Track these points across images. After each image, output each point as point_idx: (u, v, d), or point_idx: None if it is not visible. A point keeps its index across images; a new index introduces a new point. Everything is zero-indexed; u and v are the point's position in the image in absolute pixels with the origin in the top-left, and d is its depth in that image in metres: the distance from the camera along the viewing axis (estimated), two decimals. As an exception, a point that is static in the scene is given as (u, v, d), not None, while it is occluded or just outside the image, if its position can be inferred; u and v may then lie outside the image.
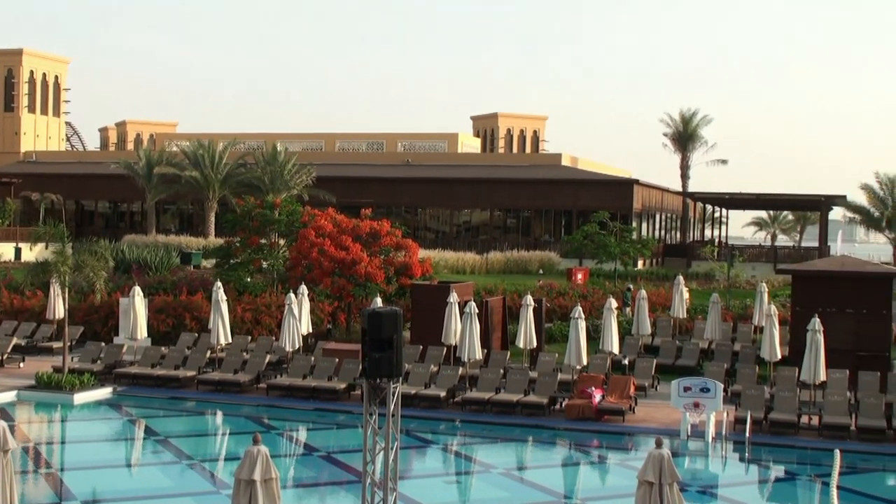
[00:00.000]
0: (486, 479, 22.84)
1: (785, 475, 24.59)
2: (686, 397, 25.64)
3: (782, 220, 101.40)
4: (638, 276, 51.26)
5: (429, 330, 32.26)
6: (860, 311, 30.51)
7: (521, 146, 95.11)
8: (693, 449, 24.89)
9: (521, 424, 26.97)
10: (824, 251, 61.01)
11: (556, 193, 67.52)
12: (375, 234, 38.87)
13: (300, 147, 78.22)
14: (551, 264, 56.99)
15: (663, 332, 36.74)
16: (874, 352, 30.11)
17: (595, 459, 25.72)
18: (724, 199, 67.14)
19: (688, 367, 32.31)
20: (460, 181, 69.47)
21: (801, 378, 27.60)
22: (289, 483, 21.34)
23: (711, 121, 75.12)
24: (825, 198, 62.16)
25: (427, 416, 27.38)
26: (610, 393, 27.80)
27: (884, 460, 24.40)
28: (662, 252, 67.83)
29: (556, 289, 42.93)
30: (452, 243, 65.28)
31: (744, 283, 47.83)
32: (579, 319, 29.15)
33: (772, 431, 25.88)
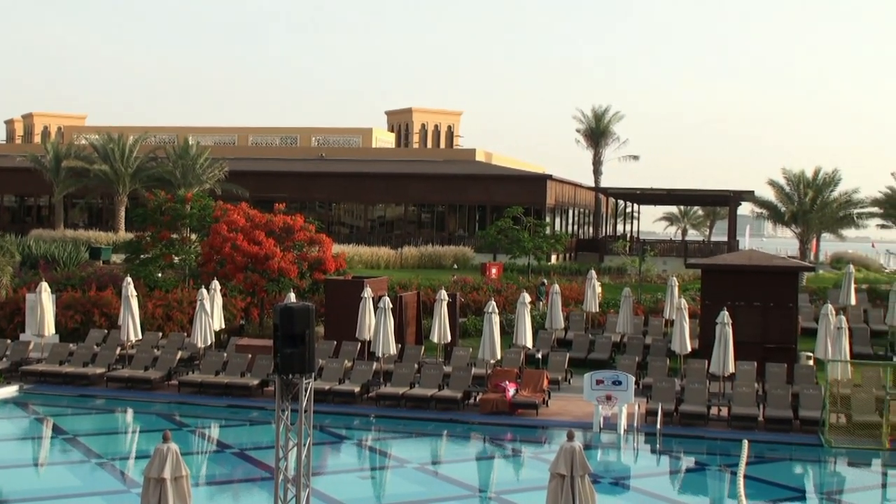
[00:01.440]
0: (401, 474, 22.81)
1: (695, 466, 24.95)
2: (598, 390, 25.90)
3: (692, 216, 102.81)
4: (551, 270, 51.60)
5: (343, 325, 32.15)
6: (767, 304, 31.07)
7: (436, 141, 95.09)
8: (605, 441, 25.15)
9: (435, 419, 27.03)
10: (733, 246, 62.01)
11: (471, 188, 67.65)
12: (289, 229, 38.61)
13: (212, 141, 77.28)
14: (465, 259, 57.12)
15: (576, 326, 37.05)
16: (781, 344, 30.68)
17: (509, 453, 25.86)
18: (636, 194, 67.87)
19: (600, 361, 32.62)
20: (375, 176, 69.29)
21: (711, 370, 28.03)
22: (201, 481, 21.10)
23: (623, 117, 75.73)
24: (734, 193, 63.13)
25: (341, 411, 27.30)
26: (523, 387, 27.96)
27: (790, 450, 24.90)
28: (575, 247, 68.34)
29: (470, 283, 43.04)
30: (367, 238, 65.10)
31: (655, 278, 48.41)
32: (493, 314, 29.28)
33: (682, 423, 26.26)
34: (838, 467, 24.18)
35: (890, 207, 67.88)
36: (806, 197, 62.65)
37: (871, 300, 40.74)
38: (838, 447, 24.52)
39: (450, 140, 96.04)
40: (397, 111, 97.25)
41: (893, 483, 23.54)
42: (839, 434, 25.24)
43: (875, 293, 41.65)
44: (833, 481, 23.77)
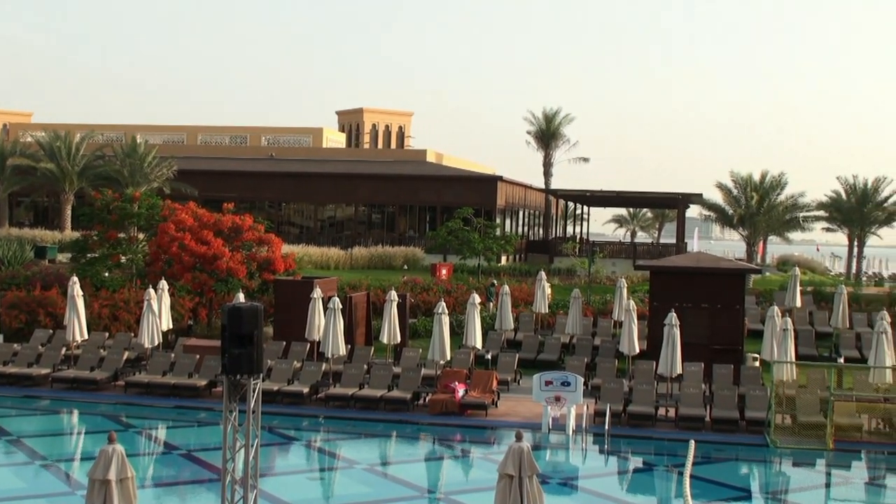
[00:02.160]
0: (350, 475, 22.75)
1: (643, 466, 25.10)
2: (547, 391, 25.98)
3: (641, 218, 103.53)
4: (501, 271, 51.73)
5: (292, 326, 32.03)
6: (715, 305, 31.33)
7: (387, 142, 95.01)
8: (554, 442, 25.24)
9: (384, 420, 26.99)
10: (681, 248, 62.48)
11: (421, 189, 67.64)
12: (238, 229, 38.39)
13: (161, 139, 76.66)
14: (415, 260, 57.10)
15: (526, 326, 37.15)
16: (728, 345, 30.96)
17: (458, 454, 25.87)
18: (586, 196, 68.18)
19: (549, 362, 32.74)
20: (325, 176, 69.08)
21: (659, 371, 28.22)
22: (147, 482, 20.91)
23: (574, 119, 76.11)
24: (682, 196, 63.64)
25: (290, 412, 27.19)
26: (473, 388, 28.00)
27: (737, 450, 25.12)
28: (525, 248, 68.57)
29: (420, 284, 43.03)
30: (317, 238, 64.87)
31: (604, 279, 48.67)
32: (443, 315, 29.29)
33: (630, 423, 26.42)
34: (783, 467, 24.44)
35: (835, 211, 68.88)
36: (753, 200, 63.34)
37: (817, 302, 41.23)
38: (783, 447, 24.79)
39: (400, 141, 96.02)
40: (348, 111, 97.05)
41: (837, 483, 23.82)
42: (784, 434, 25.52)
43: (820, 295, 42.16)
44: (778, 481, 24.02)
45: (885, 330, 27.63)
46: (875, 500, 22.26)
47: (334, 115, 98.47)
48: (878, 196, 68.75)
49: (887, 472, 24.38)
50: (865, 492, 22.92)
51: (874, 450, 25.18)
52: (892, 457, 24.64)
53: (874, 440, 25.87)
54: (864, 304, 40.83)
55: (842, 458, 24.52)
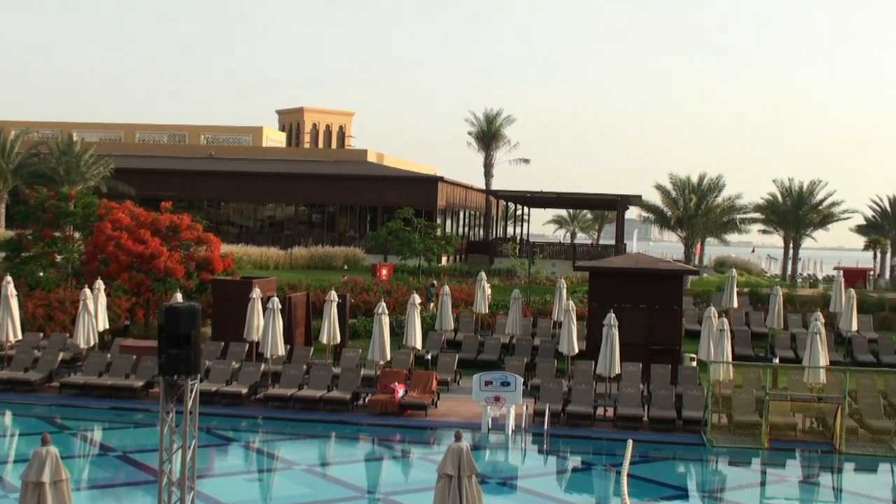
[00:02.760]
0: (289, 476, 22.62)
1: (581, 465, 25.26)
2: (487, 391, 26.04)
3: (581, 219, 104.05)
4: (441, 272, 51.76)
5: (231, 326, 31.82)
6: (653, 306, 31.59)
7: (327, 141, 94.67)
8: (494, 442, 25.30)
9: (324, 420, 26.90)
10: (620, 249, 62.90)
11: (362, 189, 67.48)
12: (175, 228, 38.04)
13: (98, 137, 75.74)
14: (356, 260, 56.95)
15: (466, 327, 37.21)
16: (666, 345, 31.24)
17: (398, 454, 25.85)
18: (526, 197, 68.41)
19: (489, 362, 32.82)
20: (265, 175, 68.68)
21: (598, 371, 28.40)
22: (82, 485, 20.64)
23: (515, 121, 76.41)
24: (621, 198, 64.07)
25: (228, 413, 27.00)
26: (413, 388, 28.00)
27: (674, 449, 25.36)
28: (466, 249, 68.67)
29: (360, 284, 42.93)
30: (256, 238, 64.47)
31: (544, 280, 48.87)
32: (383, 315, 29.25)
33: (569, 423, 26.57)
34: (720, 466, 24.72)
35: (771, 213, 69.73)
36: (691, 202, 63.93)
37: (753, 303, 41.73)
38: (720, 446, 25.06)
39: (341, 140, 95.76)
40: (288, 110, 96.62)
41: (772, 481, 24.11)
42: (721, 434, 25.80)
43: (756, 296, 42.67)
44: (714, 480, 24.27)
45: (819, 331, 28.02)
46: (809, 498, 22.57)
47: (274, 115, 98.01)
48: (813, 199, 69.69)
49: (821, 471, 24.74)
50: (800, 490, 23.23)
51: (808, 448, 25.54)
52: (825, 455, 25.00)
53: (808, 439, 26.25)
54: (799, 306, 41.41)
55: (777, 456, 24.86)
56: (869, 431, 26.07)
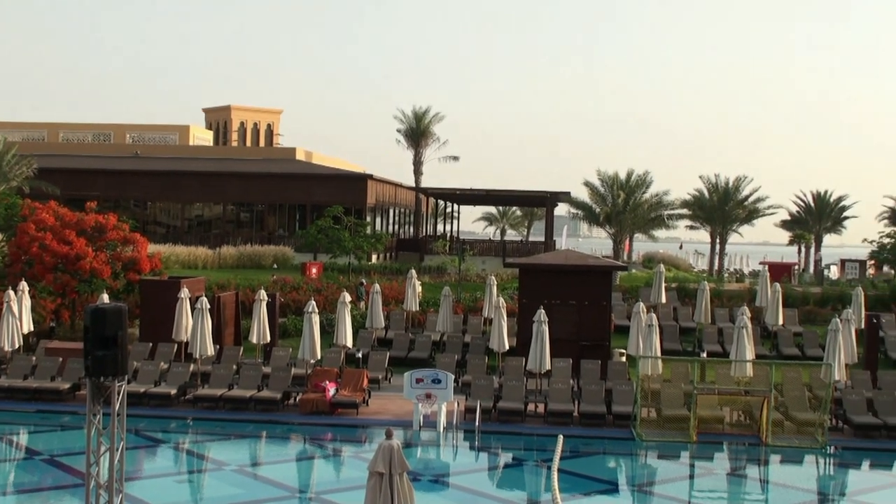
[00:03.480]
0: (219, 477, 22.42)
1: (513, 461, 25.38)
2: (418, 389, 26.05)
3: (511, 216, 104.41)
4: (372, 270, 51.64)
5: (159, 326, 31.50)
6: (582, 302, 31.83)
7: (255, 140, 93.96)
8: (425, 439, 25.31)
9: (254, 420, 26.75)
10: (550, 246, 63.23)
11: (291, 188, 67.05)
12: (101, 229, 37.55)
13: (20, 137, 74.44)
14: (285, 259, 56.61)
15: (396, 325, 37.18)
16: (595, 341, 31.51)
17: (329, 453, 25.77)
18: (456, 194, 68.49)
19: (420, 359, 32.86)
20: (192, 174, 67.94)
21: (528, 367, 28.55)
22: (8, 489, 20.33)
23: (444, 118, 76.41)
24: (550, 194, 64.36)
25: (157, 414, 26.75)
26: (343, 386, 27.94)
27: (604, 444, 25.58)
28: (396, 246, 68.56)
29: (290, 283, 42.71)
30: (184, 238, 63.79)
31: (474, 277, 48.97)
32: (313, 314, 29.16)
33: (500, 419, 26.68)
34: (649, 460, 24.97)
35: (698, 209, 70.50)
36: (619, 198, 64.40)
37: (681, 298, 42.19)
38: (649, 440, 25.32)
39: (269, 139, 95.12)
40: (215, 109, 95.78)
41: (701, 474, 24.42)
42: (650, 428, 26.07)
43: (684, 292, 43.14)
44: (644, 474, 24.50)
45: (745, 325, 28.43)
46: (737, 490, 22.88)
47: (201, 113, 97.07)
48: (738, 195, 70.56)
49: (748, 463, 25.10)
50: (727, 482, 23.54)
51: (735, 441, 25.92)
52: (752, 448, 25.39)
53: (735, 432, 26.63)
54: (726, 300, 41.96)
55: (705, 449, 25.18)
56: (794, 424, 26.52)
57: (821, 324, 37.38)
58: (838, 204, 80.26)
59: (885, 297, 42.92)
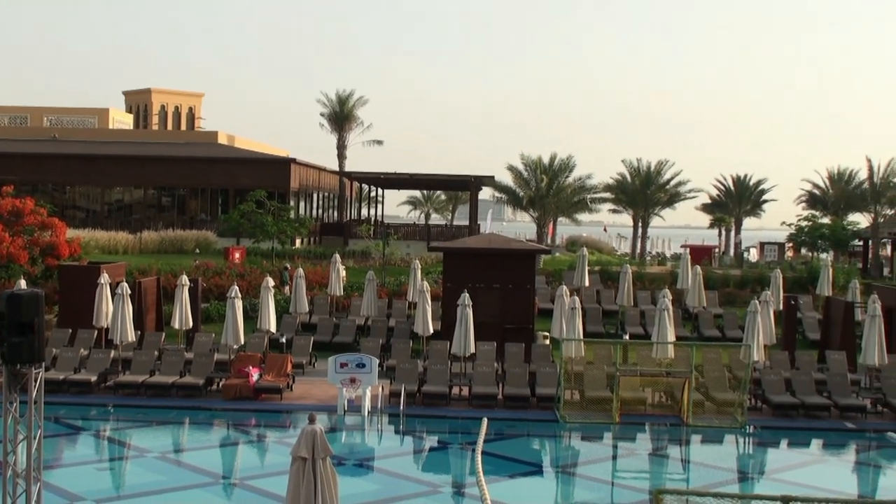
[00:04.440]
0: (141, 464, 22.15)
1: (438, 445, 25.41)
2: (343, 373, 26.00)
3: (435, 200, 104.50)
4: (295, 254, 51.39)
5: (78, 312, 31.04)
6: (506, 286, 31.97)
7: (177, 123, 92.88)
8: (350, 424, 25.27)
9: (177, 406, 26.51)
10: (474, 230, 63.34)
11: (213, 172, 66.39)
12: (18, 213, 36.87)
13: (-66, 120, 72.87)
14: (208, 243, 56.12)
15: (320, 309, 37.04)
16: (519, 324, 31.68)
17: (253, 438, 25.58)
18: (380, 178, 68.31)
19: (345, 344, 32.79)
20: (112, 158, 66.94)
21: (453, 351, 28.62)
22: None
23: (368, 102, 76.09)
24: (475, 178, 64.52)
25: (77, 401, 26.38)
26: (267, 371, 27.78)
27: (528, 426, 25.73)
28: (320, 231, 68.27)
29: (212, 268, 42.33)
30: (104, 222, 62.90)
31: (398, 261, 48.97)
32: (236, 299, 28.96)
33: (425, 403, 26.72)
34: (572, 441, 25.19)
35: (620, 193, 71.25)
36: (542, 182, 64.79)
37: (604, 281, 42.59)
38: (572, 422, 25.54)
39: (191, 122, 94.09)
40: (135, 91, 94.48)
41: (623, 455, 24.66)
42: (573, 410, 26.29)
43: (607, 274, 43.55)
44: (567, 455, 24.71)
45: (666, 307, 28.77)
46: (658, 470, 23.15)
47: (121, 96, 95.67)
48: (660, 178, 71.43)
49: (669, 443, 25.42)
50: (649, 462, 23.81)
51: (657, 422, 26.23)
52: (673, 428, 25.72)
53: (657, 412, 26.97)
54: (648, 283, 42.45)
55: (627, 430, 25.46)
56: (715, 404, 26.93)
57: (740, 306, 38.00)
58: (758, 188, 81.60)
59: (803, 278, 43.74)
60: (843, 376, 28.12)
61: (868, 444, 25.72)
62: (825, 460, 24.91)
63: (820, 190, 78.22)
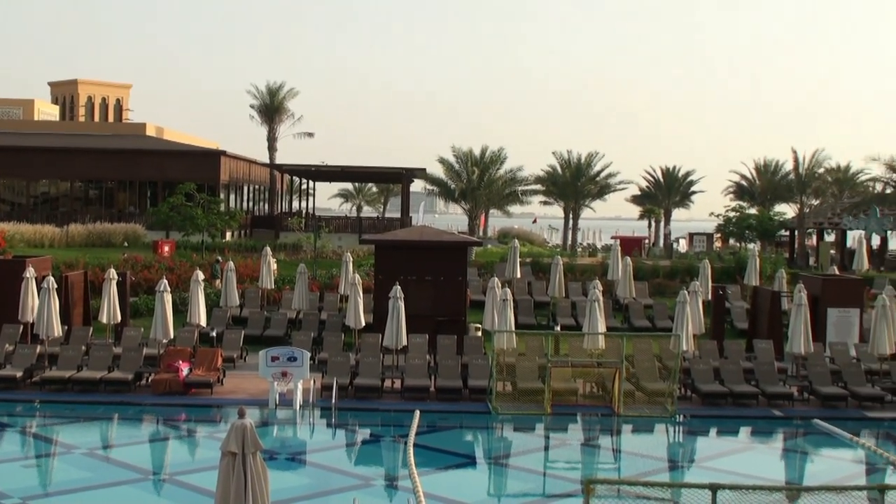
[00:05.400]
0: (69, 461, 21.86)
1: (370, 438, 25.39)
2: (274, 367, 25.86)
3: (367, 193, 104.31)
4: (226, 247, 50.96)
5: (3, 307, 30.48)
6: (438, 278, 31.99)
7: (104, 115, 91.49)
8: (282, 418, 25.14)
9: (105, 402, 26.15)
10: (406, 222, 63.32)
11: (141, 164, 65.55)
12: (-59, 206, 36.14)
13: None
14: (136, 237, 55.42)
15: (252, 303, 36.77)
16: (451, 317, 31.71)
17: (183, 433, 25.36)
18: (311, 171, 67.99)
19: (276, 337, 32.60)
20: (37, 150, 65.82)
21: (385, 344, 28.57)
22: None
23: (298, 94, 75.55)
24: (406, 171, 64.44)
25: (2, 398, 25.95)
26: (197, 366, 27.55)
27: (461, 418, 25.78)
28: (250, 224, 67.76)
29: (141, 262, 41.84)
30: (29, 215, 61.78)
31: (330, 254, 48.75)
32: (165, 292, 28.66)
33: (357, 396, 26.66)
34: (505, 433, 25.27)
35: (551, 185, 71.57)
36: (474, 174, 64.85)
37: (535, 273, 42.75)
38: (504, 413, 25.63)
39: (118, 114, 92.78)
40: (61, 82, 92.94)
41: (555, 445, 24.80)
42: (505, 401, 26.37)
43: (538, 266, 43.72)
44: (500, 446, 24.80)
45: (597, 298, 28.98)
46: (590, 460, 23.33)
47: (46, 87, 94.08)
48: (591, 170, 71.88)
49: (601, 434, 25.63)
50: (581, 453, 23.98)
51: (589, 412, 26.42)
52: (604, 418, 25.93)
53: (588, 403, 27.16)
54: (579, 274, 42.70)
55: (559, 421, 25.62)
56: (645, 394, 27.18)
57: (670, 296, 38.36)
58: (686, 179, 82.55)
59: (731, 268, 44.30)
60: (770, 365, 28.54)
61: (795, 431, 26.15)
62: (753, 448, 25.27)
63: (747, 181, 79.38)
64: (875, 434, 25.43)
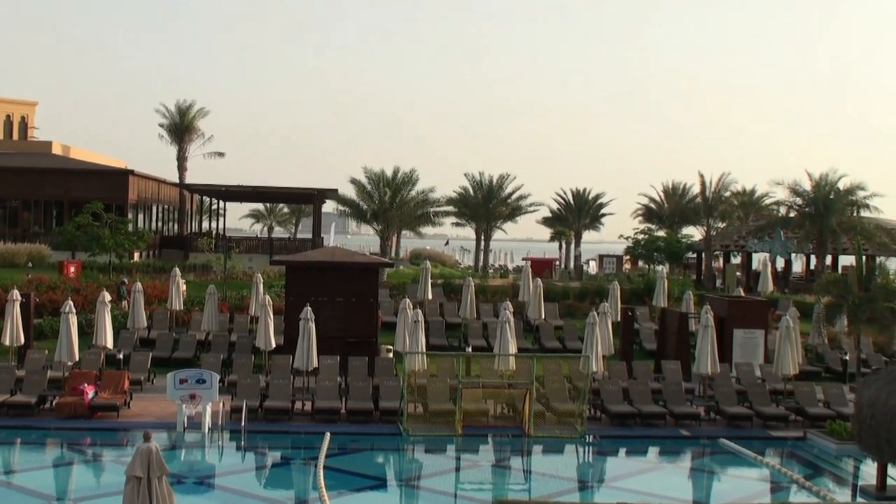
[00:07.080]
0: (-33, 488, 21.29)
1: (280, 460, 25.17)
2: (182, 389, 25.52)
3: (279, 213, 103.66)
4: (134, 268, 50.21)
5: None
6: (349, 299, 31.90)
7: (8, 132, 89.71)
8: (190, 441, 24.79)
9: (7, 426, 25.54)
10: (318, 243, 63.02)
11: (47, 183, 64.34)
12: None
13: None
14: (41, 257, 54.34)
15: (160, 324, 36.27)
16: (363, 338, 31.66)
17: (88, 458, 24.86)
18: (221, 191, 67.42)
19: (185, 359, 32.21)
20: (-62, 168, 64.27)
21: (295, 365, 28.40)
22: None
23: (209, 113, 74.87)
24: (318, 191, 64.20)
25: None
26: (103, 389, 27.10)
27: (371, 440, 25.69)
28: (159, 244, 66.90)
29: (46, 283, 41.05)
30: (-71, 235, 60.30)
31: (241, 275, 48.32)
32: (70, 314, 28.14)
33: (267, 418, 26.42)
34: (416, 454, 25.23)
35: (463, 206, 71.78)
36: (386, 195, 64.80)
37: (447, 294, 42.84)
38: (416, 435, 25.59)
39: (23, 132, 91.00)
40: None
41: (466, 466, 24.83)
42: (417, 423, 26.34)
43: (450, 287, 43.82)
44: (411, 468, 24.74)
45: (508, 319, 29.12)
46: (501, 481, 23.38)
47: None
48: (502, 192, 72.20)
49: (511, 454, 25.71)
50: (492, 474, 24.03)
51: (499, 433, 26.49)
52: (515, 439, 26.02)
53: (499, 424, 27.23)
54: (490, 295, 42.88)
55: (470, 442, 25.66)
56: (555, 414, 27.35)
57: (580, 317, 38.67)
58: (596, 201, 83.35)
59: (640, 290, 44.87)
60: (677, 385, 28.93)
61: (702, 450, 26.51)
62: (661, 467, 25.56)
63: (656, 204, 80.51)
64: (779, 453, 25.88)
